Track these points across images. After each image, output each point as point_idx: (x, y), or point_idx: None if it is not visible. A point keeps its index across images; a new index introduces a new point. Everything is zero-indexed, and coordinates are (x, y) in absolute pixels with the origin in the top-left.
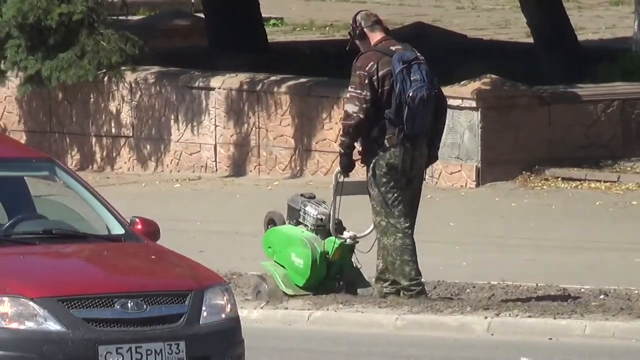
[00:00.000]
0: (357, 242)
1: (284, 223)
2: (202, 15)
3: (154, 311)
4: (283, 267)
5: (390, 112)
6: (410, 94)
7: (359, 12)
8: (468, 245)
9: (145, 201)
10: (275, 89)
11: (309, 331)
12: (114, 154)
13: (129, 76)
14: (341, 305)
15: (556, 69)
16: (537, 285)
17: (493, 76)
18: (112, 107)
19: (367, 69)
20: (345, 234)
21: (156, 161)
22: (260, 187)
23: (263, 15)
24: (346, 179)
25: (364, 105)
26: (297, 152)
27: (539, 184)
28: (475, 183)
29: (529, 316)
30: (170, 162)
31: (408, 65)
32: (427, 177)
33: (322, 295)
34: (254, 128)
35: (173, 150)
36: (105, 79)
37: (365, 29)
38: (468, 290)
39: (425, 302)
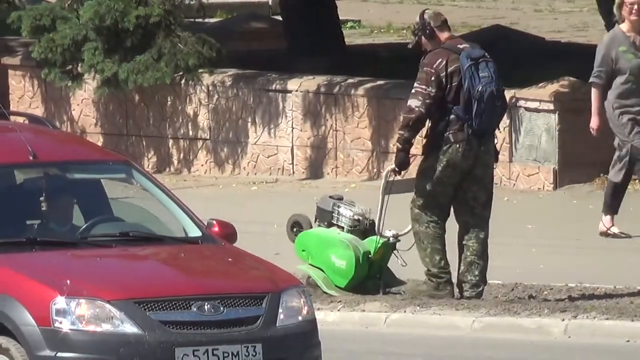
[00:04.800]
0: (399, 240)
1: (310, 225)
2: (280, 18)
3: (230, 313)
4: (320, 269)
5: (459, 108)
6: (480, 89)
7: (425, 11)
8: (545, 248)
9: (222, 204)
10: (353, 92)
11: (386, 334)
12: (191, 157)
13: (206, 79)
14: (418, 308)
15: None
16: (614, 287)
17: (571, 78)
18: (189, 109)
19: (434, 66)
20: (388, 233)
21: (233, 164)
22: (337, 190)
23: (340, 17)
24: (397, 178)
25: (427, 101)
26: (374, 154)
27: None
28: (552, 185)
29: (607, 318)
30: (247, 165)
31: (476, 62)
32: (504, 179)
33: (399, 298)
34: (331, 130)
35: (250, 153)
36: (183, 81)
37: (435, 28)
38: (545, 293)
39: (502, 305)
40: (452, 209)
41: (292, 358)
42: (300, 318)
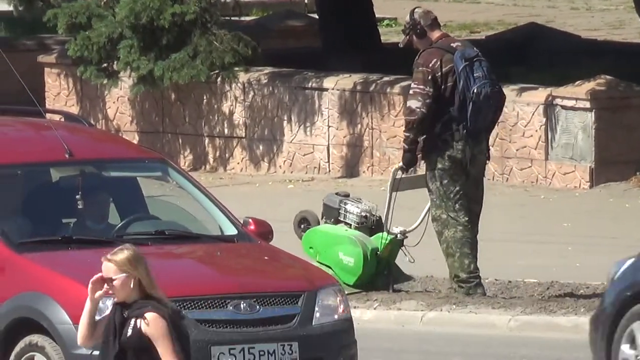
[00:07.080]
0: (407, 237)
1: (318, 222)
2: (316, 16)
3: (267, 312)
4: (328, 266)
5: (454, 109)
6: (475, 91)
7: (415, 9)
8: (582, 246)
9: (258, 202)
10: (389, 90)
11: (422, 332)
12: (227, 155)
13: (242, 77)
14: (454, 306)
15: None
16: None
17: (607, 77)
18: (225, 107)
19: (430, 65)
20: (395, 229)
21: (269, 162)
22: (373, 188)
23: (376, 15)
24: (403, 175)
25: (427, 101)
26: None
27: None
28: (589, 184)
29: None
30: (283, 163)
31: (470, 63)
32: (540, 177)
33: (435, 296)
34: (367, 129)
35: (286, 151)
36: (219, 79)
37: (425, 27)
38: (582, 291)
39: (538, 303)
40: None
41: (329, 356)
42: (336, 317)
